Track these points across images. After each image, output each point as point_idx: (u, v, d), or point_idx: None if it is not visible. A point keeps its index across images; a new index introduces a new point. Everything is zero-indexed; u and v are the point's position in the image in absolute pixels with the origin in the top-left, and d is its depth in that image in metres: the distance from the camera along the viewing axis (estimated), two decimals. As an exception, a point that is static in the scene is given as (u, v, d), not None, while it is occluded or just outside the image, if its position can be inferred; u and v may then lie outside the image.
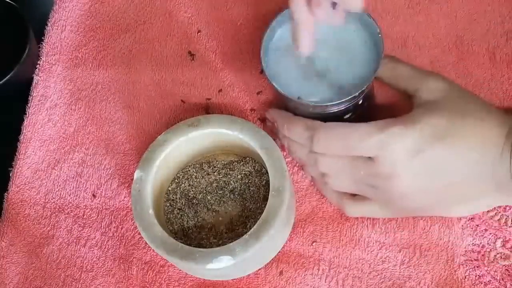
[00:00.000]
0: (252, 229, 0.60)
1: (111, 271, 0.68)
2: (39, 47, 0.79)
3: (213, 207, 0.67)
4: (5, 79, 0.73)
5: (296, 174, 0.69)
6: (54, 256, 0.70)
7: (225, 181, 0.68)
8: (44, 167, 0.74)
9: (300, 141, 0.63)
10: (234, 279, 0.66)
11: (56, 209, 0.72)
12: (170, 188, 0.69)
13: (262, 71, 0.74)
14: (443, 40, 0.73)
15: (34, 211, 0.72)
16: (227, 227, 0.66)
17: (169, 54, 0.77)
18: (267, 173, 0.63)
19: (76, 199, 0.72)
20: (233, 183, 0.68)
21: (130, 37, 0.79)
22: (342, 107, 0.62)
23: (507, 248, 0.64)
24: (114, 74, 0.77)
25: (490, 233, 0.64)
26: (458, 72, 0.71)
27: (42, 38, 0.80)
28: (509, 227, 0.64)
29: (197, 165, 0.69)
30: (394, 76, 0.64)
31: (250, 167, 0.68)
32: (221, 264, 0.59)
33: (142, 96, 0.76)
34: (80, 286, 0.68)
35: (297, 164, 0.70)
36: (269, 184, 0.63)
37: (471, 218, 0.65)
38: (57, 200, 0.72)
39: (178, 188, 0.68)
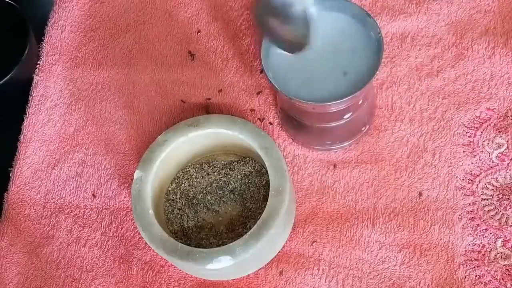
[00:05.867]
0: (252, 229, 0.60)
1: (111, 271, 0.68)
2: (39, 47, 0.79)
3: (213, 207, 0.67)
4: (5, 79, 0.73)
5: (296, 174, 0.69)
6: (54, 256, 0.70)
7: (225, 181, 0.68)
8: (44, 167, 0.74)
9: None
10: (234, 279, 0.66)
11: (56, 209, 0.72)
12: (170, 188, 0.69)
13: (262, 71, 0.74)
14: (443, 39, 0.73)
15: (34, 211, 0.72)
16: (227, 227, 0.66)
17: (169, 54, 0.77)
18: (267, 173, 0.63)
19: (76, 199, 0.72)
20: (233, 183, 0.68)
21: (130, 37, 0.79)
22: (342, 106, 0.62)
23: (507, 248, 0.64)
24: (114, 74, 0.77)
25: (491, 233, 0.64)
26: (458, 72, 0.71)
27: (42, 38, 0.80)
28: (510, 226, 0.64)
29: (197, 165, 0.69)
30: None
31: (250, 167, 0.68)
32: (221, 264, 0.59)
33: (142, 96, 0.76)
34: (80, 286, 0.68)
35: (297, 164, 0.70)
36: (269, 184, 0.63)
37: (472, 218, 0.65)
38: (57, 200, 0.72)
39: (178, 188, 0.68)
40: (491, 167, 0.67)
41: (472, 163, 0.67)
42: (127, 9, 0.81)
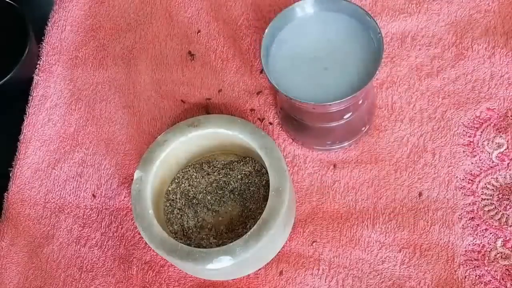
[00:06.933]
0: (252, 229, 0.60)
1: (111, 271, 0.68)
2: (39, 47, 0.79)
3: (213, 207, 0.67)
4: (5, 79, 0.73)
5: (296, 174, 0.69)
6: (54, 256, 0.70)
7: (225, 181, 0.68)
8: (44, 167, 0.74)
9: None
10: (234, 279, 0.66)
11: (56, 209, 0.72)
12: (170, 188, 0.69)
13: (262, 71, 0.74)
14: (443, 39, 0.73)
15: (34, 211, 0.72)
16: (227, 227, 0.66)
17: (169, 54, 0.77)
18: (267, 173, 0.63)
19: (76, 199, 0.72)
20: (233, 183, 0.68)
21: (130, 37, 0.79)
22: (342, 106, 0.62)
23: (507, 248, 0.64)
24: (114, 74, 0.77)
25: (491, 233, 0.64)
26: (458, 72, 0.71)
27: (42, 38, 0.80)
28: (510, 226, 0.64)
29: (197, 165, 0.69)
30: None
31: (250, 167, 0.68)
32: (221, 264, 0.59)
33: (142, 96, 0.76)
34: (80, 286, 0.68)
35: (297, 164, 0.70)
36: (269, 184, 0.63)
37: (472, 218, 0.65)
38: (57, 200, 0.72)
39: (178, 188, 0.68)
40: (491, 167, 0.67)
41: (472, 163, 0.67)
42: (127, 9, 0.81)
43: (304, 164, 0.70)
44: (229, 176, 0.68)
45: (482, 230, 0.65)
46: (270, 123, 0.72)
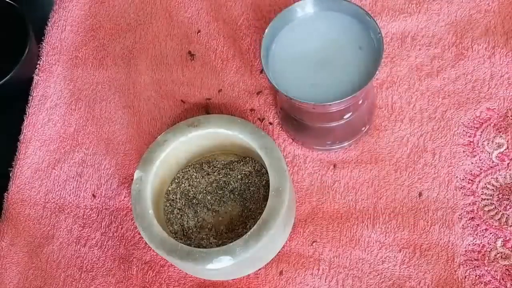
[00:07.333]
0: (252, 229, 0.60)
1: (111, 271, 0.68)
2: (39, 47, 0.79)
3: (213, 207, 0.67)
4: (5, 79, 0.73)
5: (296, 174, 0.69)
6: (54, 256, 0.70)
7: (225, 181, 0.68)
8: (44, 167, 0.74)
9: None
10: (234, 279, 0.66)
11: (56, 209, 0.72)
12: (170, 188, 0.69)
13: (262, 71, 0.74)
14: (443, 39, 0.73)
15: (34, 211, 0.72)
16: (227, 227, 0.66)
17: (169, 54, 0.77)
18: (267, 173, 0.63)
19: (76, 199, 0.72)
20: (233, 183, 0.68)
21: (130, 37, 0.79)
22: (342, 106, 0.62)
23: (507, 248, 0.64)
24: (114, 74, 0.77)
25: (491, 233, 0.64)
26: (458, 72, 0.71)
27: (42, 38, 0.80)
28: (510, 226, 0.64)
29: (197, 165, 0.69)
30: None
31: (250, 167, 0.68)
32: (221, 264, 0.59)
33: (142, 96, 0.76)
34: (80, 286, 0.68)
35: (297, 164, 0.70)
36: (269, 184, 0.63)
37: (472, 218, 0.65)
38: (57, 200, 0.72)
39: (178, 188, 0.68)
40: (491, 167, 0.67)
41: (472, 163, 0.67)
42: (127, 9, 0.81)
43: (304, 164, 0.70)
44: (229, 176, 0.68)
45: (482, 230, 0.65)
46: (270, 123, 0.72)
